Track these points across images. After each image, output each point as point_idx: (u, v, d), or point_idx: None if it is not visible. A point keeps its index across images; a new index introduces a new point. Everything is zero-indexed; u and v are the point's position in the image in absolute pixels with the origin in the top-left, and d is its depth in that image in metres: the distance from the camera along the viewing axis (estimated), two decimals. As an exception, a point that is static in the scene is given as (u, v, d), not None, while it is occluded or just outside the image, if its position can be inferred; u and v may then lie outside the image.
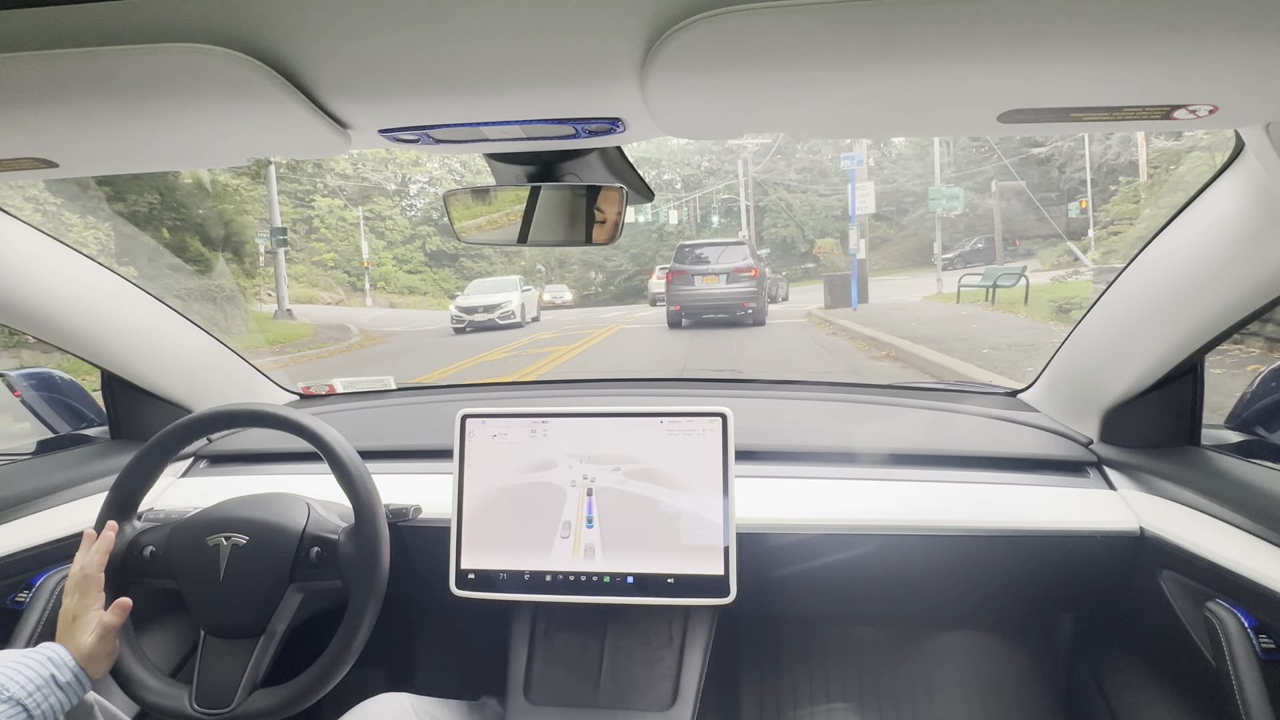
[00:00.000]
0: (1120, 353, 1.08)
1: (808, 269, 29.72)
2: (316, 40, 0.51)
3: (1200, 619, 0.90)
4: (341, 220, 29.66)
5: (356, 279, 28.40)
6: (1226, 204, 0.84)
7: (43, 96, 0.55)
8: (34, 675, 0.79)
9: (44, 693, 0.79)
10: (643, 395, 1.50)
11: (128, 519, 1.02)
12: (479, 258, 32.22)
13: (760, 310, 11.09)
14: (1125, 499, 1.10)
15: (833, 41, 0.48)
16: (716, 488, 1.03)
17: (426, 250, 32.38)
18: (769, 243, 31.11)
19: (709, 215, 33.26)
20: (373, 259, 28.56)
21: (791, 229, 31.26)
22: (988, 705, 1.33)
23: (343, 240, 28.98)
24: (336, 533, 0.99)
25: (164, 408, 1.35)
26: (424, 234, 32.46)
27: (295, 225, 27.92)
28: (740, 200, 29.98)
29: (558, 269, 34.15)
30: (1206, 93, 0.57)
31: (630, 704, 1.08)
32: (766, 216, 32.10)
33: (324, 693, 0.94)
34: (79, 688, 0.83)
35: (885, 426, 1.33)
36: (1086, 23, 0.46)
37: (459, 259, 32.68)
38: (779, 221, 31.74)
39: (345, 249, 28.72)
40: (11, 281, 1.05)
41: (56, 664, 0.82)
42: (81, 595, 0.89)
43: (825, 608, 1.37)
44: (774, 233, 31.64)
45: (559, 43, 0.51)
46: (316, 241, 28.71)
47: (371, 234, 29.84)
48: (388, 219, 32.23)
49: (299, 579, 0.97)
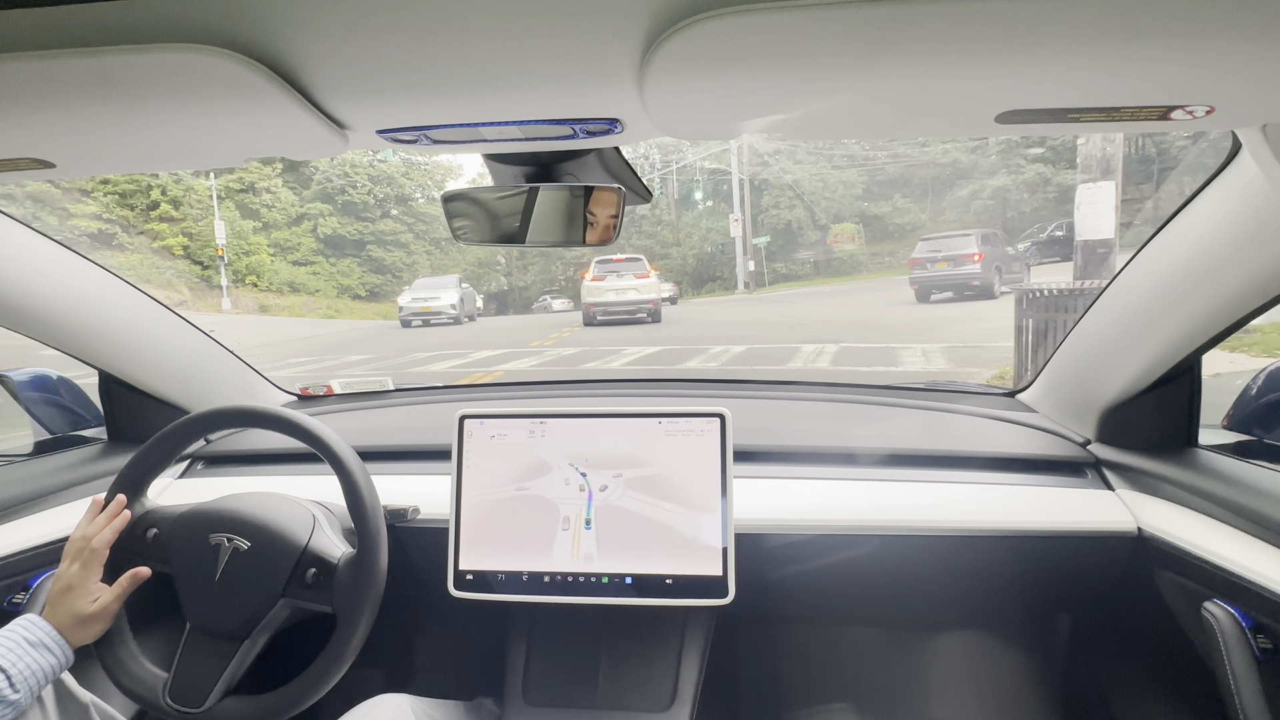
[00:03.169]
0: (1118, 353, 1.09)
1: (818, 263, 24.25)
2: (314, 41, 0.51)
3: (1197, 619, 0.90)
4: (191, 192, 22.04)
5: (213, 272, 21.28)
6: (1223, 205, 0.84)
7: (40, 97, 0.55)
8: (4, 639, 0.81)
9: (17, 653, 0.80)
10: (641, 395, 1.50)
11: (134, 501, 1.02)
12: (393, 245, 25.47)
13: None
14: (1122, 499, 1.10)
15: (830, 43, 0.48)
16: (715, 488, 1.03)
17: (320, 234, 24.26)
18: (768, 228, 24.76)
19: (690, 192, 28.18)
20: (235, 245, 21.05)
21: (798, 211, 24.83)
22: (985, 705, 1.33)
23: (200, 221, 21.47)
24: (336, 558, 0.98)
25: (161, 409, 1.34)
26: (317, 213, 24.25)
27: (130, 199, 21.05)
28: (733, 173, 24.10)
29: (518, 259, 29.10)
30: (1203, 94, 0.57)
31: (628, 705, 1.08)
32: (765, 195, 25.53)
33: (298, 711, 0.94)
34: (58, 650, 0.84)
35: (883, 427, 1.33)
36: (1084, 24, 0.46)
37: (365, 246, 25.20)
38: (781, 201, 25.07)
39: (203, 232, 21.41)
40: (8, 282, 1.05)
41: (26, 627, 0.83)
42: (82, 566, 0.90)
43: (823, 608, 1.37)
44: (775, 216, 25.01)
45: (557, 43, 0.51)
46: (158, 222, 21.47)
47: (240, 212, 22.11)
48: (265, 193, 23.74)
49: (291, 595, 0.97)
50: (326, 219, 24.60)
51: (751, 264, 23.01)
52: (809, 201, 24.77)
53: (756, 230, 24.50)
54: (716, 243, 26.16)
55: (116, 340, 1.25)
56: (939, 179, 24.26)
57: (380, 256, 25.90)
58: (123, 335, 1.26)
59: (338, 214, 25.15)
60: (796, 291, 20.38)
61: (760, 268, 23.70)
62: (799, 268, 24.86)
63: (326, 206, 24.77)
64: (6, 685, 0.77)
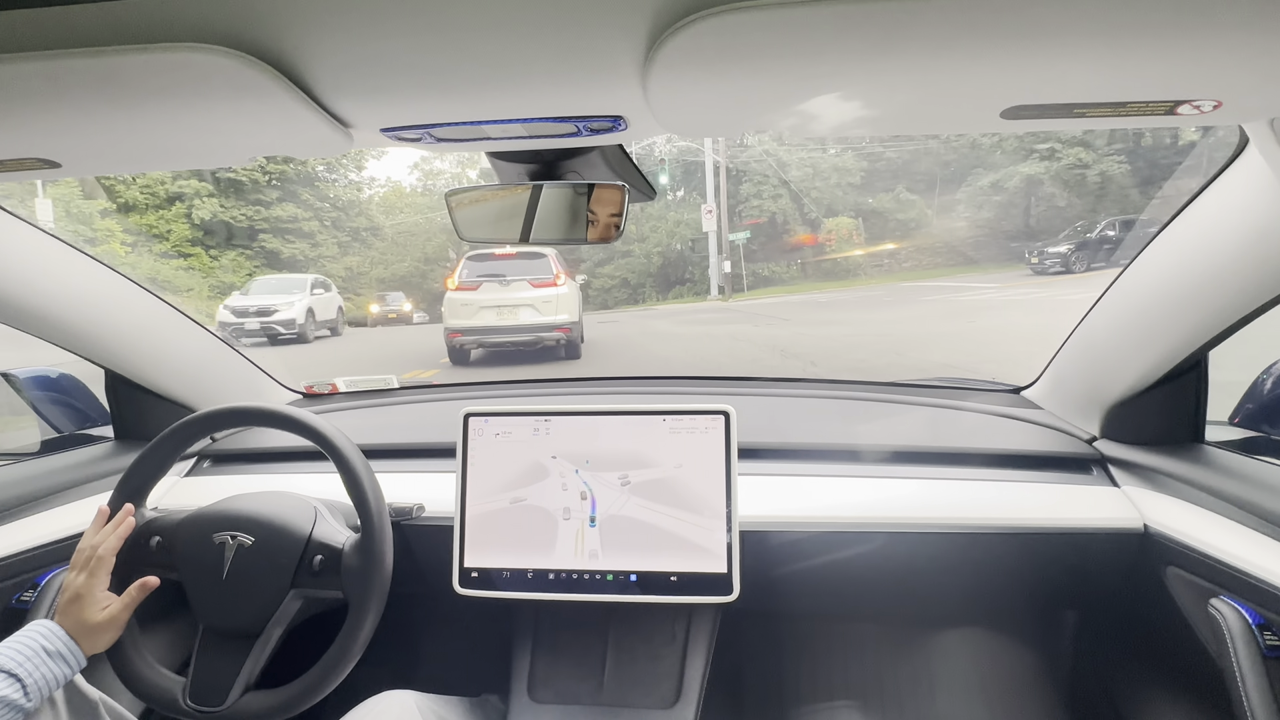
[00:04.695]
0: (1124, 349, 1.08)
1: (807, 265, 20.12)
2: (319, 40, 0.51)
3: (1205, 616, 0.90)
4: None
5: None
6: (1230, 200, 0.84)
7: (45, 97, 0.55)
8: (22, 647, 0.81)
9: (34, 662, 0.80)
10: (645, 393, 1.50)
11: (138, 507, 1.02)
12: (294, 235, 19.80)
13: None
14: (1129, 496, 1.09)
15: (834, 39, 0.48)
16: (719, 485, 1.03)
17: (195, 219, 18.33)
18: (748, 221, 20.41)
19: (654, 176, 18.69)
20: (74, 232, 13.65)
21: (784, 202, 20.49)
22: (991, 702, 1.33)
23: (26, 200, 14.20)
24: (341, 543, 0.99)
25: (168, 407, 1.35)
26: (193, 193, 18.28)
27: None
28: (706, 156, 19.63)
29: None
30: (1211, 88, 0.56)
31: (634, 702, 1.08)
32: (745, 183, 20.74)
33: (317, 699, 0.94)
34: (72, 659, 0.85)
35: (888, 424, 1.33)
36: (1090, 18, 0.45)
37: (258, 235, 19.46)
38: (764, 190, 20.53)
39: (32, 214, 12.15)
40: (15, 281, 1.05)
41: (45, 636, 0.84)
42: (90, 575, 0.91)
43: (829, 605, 1.37)
44: (756, 208, 20.43)
45: (561, 41, 0.51)
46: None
47: (81, 189, 15.55)
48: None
49: (300, 585, 0.97)
50: (205, 200, 18.39)
51: (728, 264, 19.20)
52: (796, 191, 20.28)
53: (734, 224, 20.18)
54: (686, 238, 21.72)
55: (123, 339, 1.26)
56: (951, 166, 20.29)
57: (276, 248, 19.93)
58: (129, 334, 1.26)
59: (220, 194, 19.02)
60: (782, 300, 16.20)
61: (738, 269, 19.83)
62: (784, 269, 20.77)
63: (205, 185, 18.57)
64: (20, 694, 0.78)
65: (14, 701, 0.77)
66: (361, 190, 24.68)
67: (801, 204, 20.45)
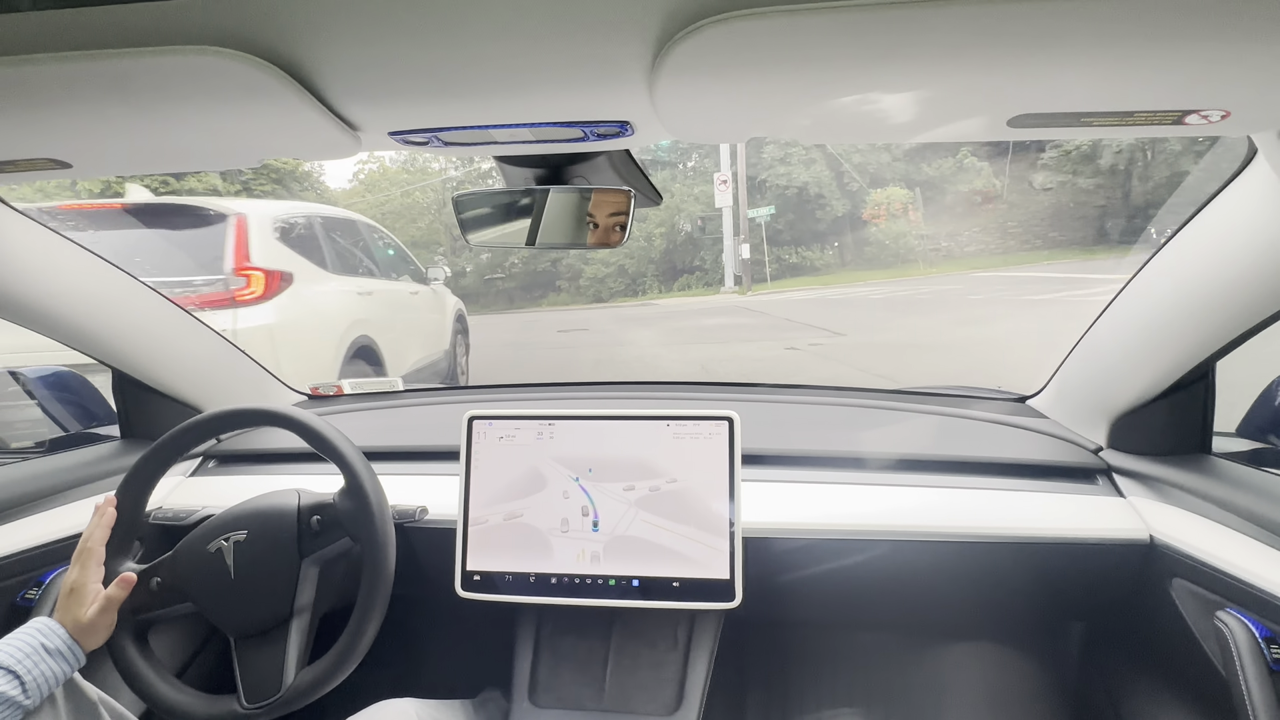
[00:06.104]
0: (1131, 359, 1.08)
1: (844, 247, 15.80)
2: (329, 44, 0.51)
3: (1211, 628, 0.89)
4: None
5: None
6: (1239, 210, 0.83)
7: (57, 99, 0.56)
8: (22, 644, 0.81)
9: (34, 659, 0.80)
10: (650, 398, 1.49)
11: (127, 549, 1.01)
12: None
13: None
14: (1135, 507, 1.09)
15: (842, 47, 0.48)
16: (723, 491, 1.03)
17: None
18: (773, 195, 16.14)
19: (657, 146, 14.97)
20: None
21: (818, 169, 15.79)
22: (996, 713, 1.32)
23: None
24: (331, 496, 1.01)
25: (174, 407, 1.36)
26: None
27: None
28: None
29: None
30: (1219, 98, 0.56)
31: (635, 708, 1.08)
32: (768, 146, 15.74)
33: (366, 648, 0.95)
34: (71, 656, 0.85)
35: (893, 431, 1.32)
36: (1098, 27, 0.45)
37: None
38: (793, 155, 15.87)
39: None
40: (23, 280, 1.06)
41: (44, 633, 0.84)
42: (81, 568, 0.91)
43: (832, 613, 1.37)
44: (783, 176, 15.87)
45: (568, 46, 0.52)
46: None
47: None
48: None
49: (308, 552, 0.98)
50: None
51: (746, 248, 15.11)
52: (834, 155, 15.51)
53: (756, 198, 15.78)
54: (695, 216, 17.46)
55: (130, 339, 1.26)
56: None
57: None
58: (137, 334, 1.27)
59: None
60: (817, 295, 12.52)
61: (760, 254, 15.66)
62: (817, 255, 16.36)
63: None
64: (20, 692, 0.78)
65: (14, 699, 0.77)
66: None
67: (840, 172, 16.02)
